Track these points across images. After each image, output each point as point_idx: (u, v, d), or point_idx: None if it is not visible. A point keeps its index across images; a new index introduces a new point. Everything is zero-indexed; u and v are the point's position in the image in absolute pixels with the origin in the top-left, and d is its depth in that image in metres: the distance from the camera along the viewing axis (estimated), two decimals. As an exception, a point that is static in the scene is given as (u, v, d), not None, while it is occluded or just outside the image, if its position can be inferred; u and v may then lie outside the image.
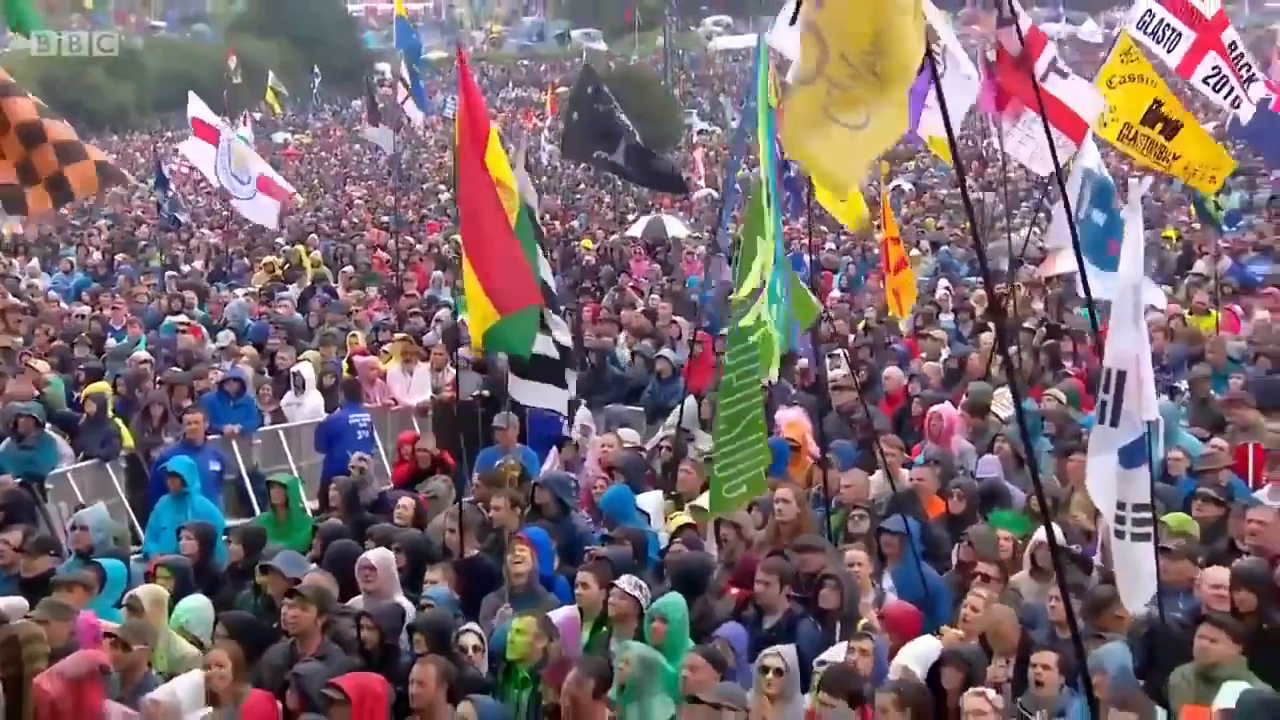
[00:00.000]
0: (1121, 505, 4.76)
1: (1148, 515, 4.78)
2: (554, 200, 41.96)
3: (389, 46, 63.07)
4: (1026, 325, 15.45)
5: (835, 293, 19.60)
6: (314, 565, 8.34)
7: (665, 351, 14.23)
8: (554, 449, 11.39)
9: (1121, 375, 4.79)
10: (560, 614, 7.56)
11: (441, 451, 11.12)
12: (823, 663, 6.93)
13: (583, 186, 40.86)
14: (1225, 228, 27.27)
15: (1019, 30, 11.04)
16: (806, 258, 23.95)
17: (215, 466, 11.36)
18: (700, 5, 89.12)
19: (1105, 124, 12.61)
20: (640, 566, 8.40)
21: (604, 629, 7.67)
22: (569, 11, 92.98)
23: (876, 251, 19.31)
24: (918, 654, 7.25)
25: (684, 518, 8.98)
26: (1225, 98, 12.90)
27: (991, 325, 15.47)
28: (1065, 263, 19.40)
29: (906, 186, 38.91)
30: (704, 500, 9.28)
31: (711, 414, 12.46)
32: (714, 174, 44.98)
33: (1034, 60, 11.25)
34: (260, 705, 6.60)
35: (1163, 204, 28.91)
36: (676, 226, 26.14)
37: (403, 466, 11.14)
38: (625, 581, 7.57)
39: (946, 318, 17.29)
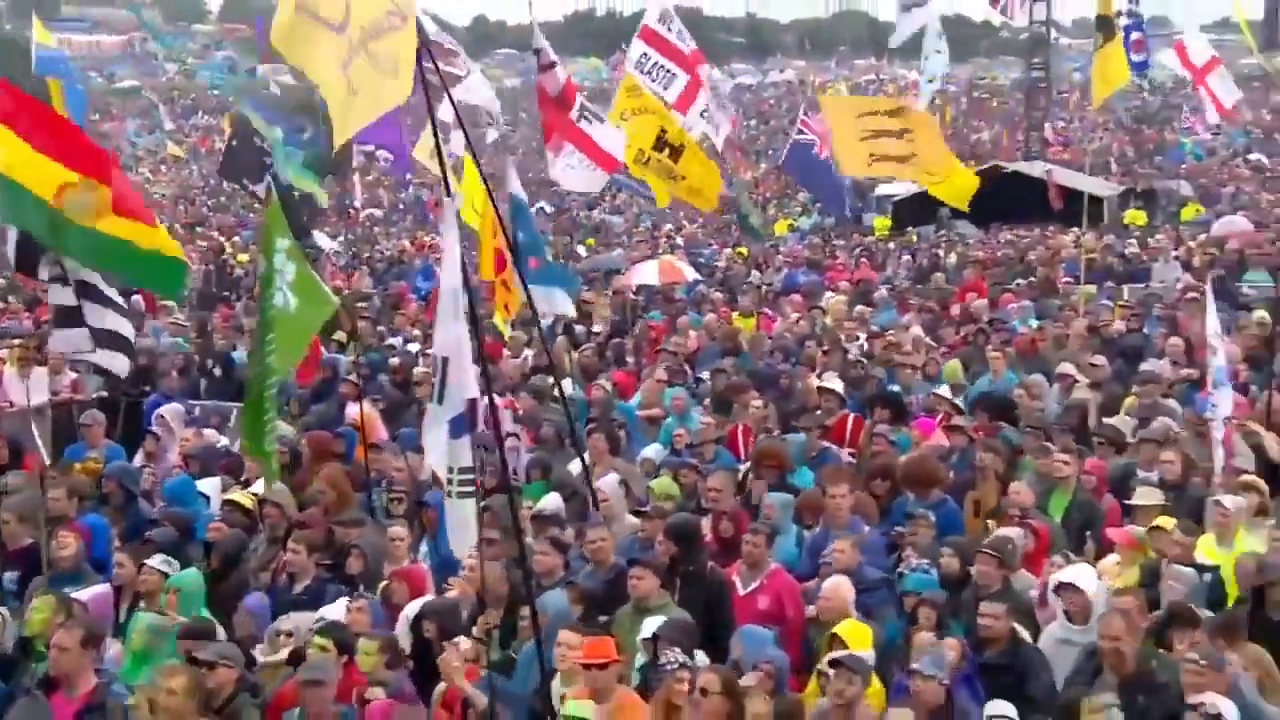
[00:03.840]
0: (451, 469, 5.07)
1: (470, 477, 5.11)
2: (227, 217, 40.42)
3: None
4: (596, 329, 16.15)
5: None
6: None
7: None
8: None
9: (445, 360, 5.10)
10: (90, 591, 7.34)
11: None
12: (322, 619, 7.03)
13: (258, 206, 39.57)
14: (798, 244, 29.21)
15: (558, 76, 11.51)
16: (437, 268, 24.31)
17: None
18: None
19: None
20: (185, 546, 8.27)
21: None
22: (260, 48, 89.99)
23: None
24: (414, 609, 7.47)
25: (239, 497, 8.86)
26: (708, 124, 13.73)
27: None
28: (646, 274, 20.40)
29: (549, 209, 39.68)
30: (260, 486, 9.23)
31: (300, 410, 12.48)
32: (378, 195, 44.52)
33: (571, 102, 11.68)
34: None
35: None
36: (325, 241, 25.80)
37: (-19, 466, 10.47)
38: (156, 560, 7.44)
39: (546, 321, 17.80)
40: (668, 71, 13.18)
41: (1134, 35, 18.40)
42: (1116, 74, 15.03)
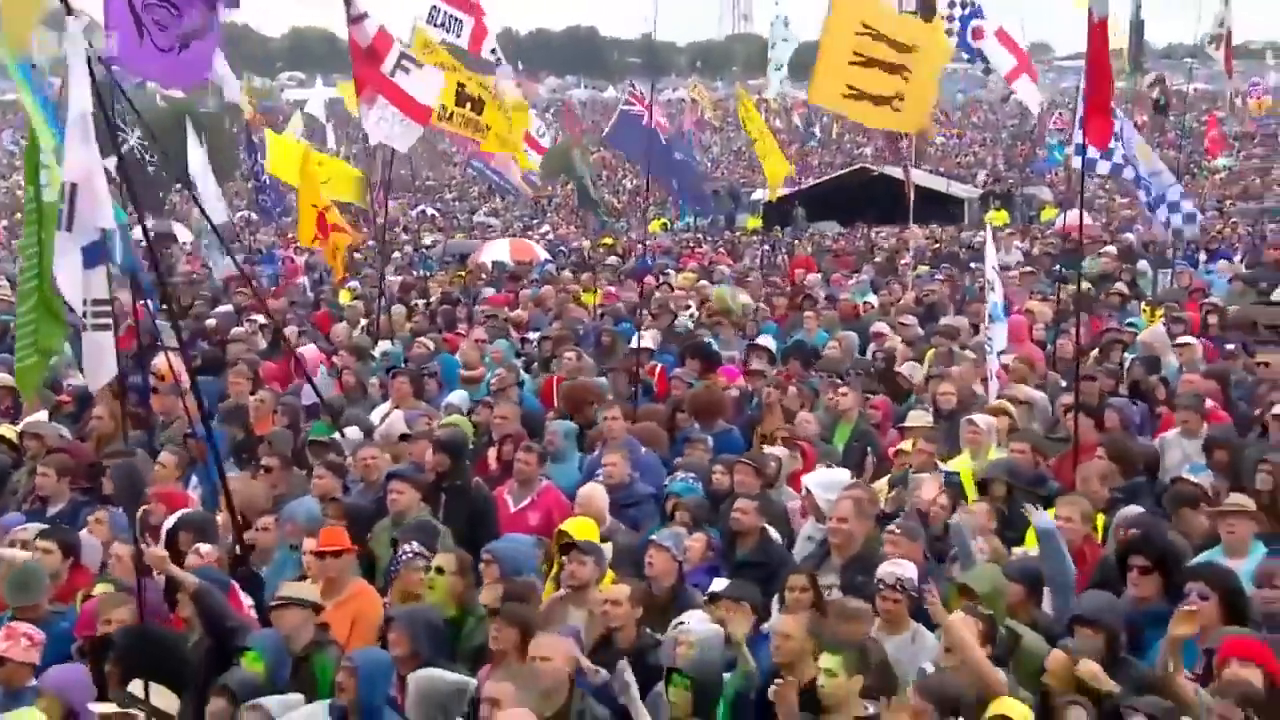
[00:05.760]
0: (85, 301, 4.93)
1: (106, 309, 4.98)
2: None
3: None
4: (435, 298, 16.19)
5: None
6: None
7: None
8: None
9: (74, 186, 4.94)
10: None
11: None
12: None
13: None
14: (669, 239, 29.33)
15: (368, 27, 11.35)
16: (279, 252, 24.15)
17: None
18: (276, 62, 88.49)
19: None
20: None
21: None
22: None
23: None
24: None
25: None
26: (500, 65, 13.82)
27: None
28: (495, 252, 20.36)
29: (430, 212, 39.55)
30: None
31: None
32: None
33: (383, 55, 11.49)
34: None
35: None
36: (183, 231, 25.38)
37: None
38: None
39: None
40: (456, 19, 13.23)
41: (973, 24, 18.75)
42: (938, 55, 15.25)
